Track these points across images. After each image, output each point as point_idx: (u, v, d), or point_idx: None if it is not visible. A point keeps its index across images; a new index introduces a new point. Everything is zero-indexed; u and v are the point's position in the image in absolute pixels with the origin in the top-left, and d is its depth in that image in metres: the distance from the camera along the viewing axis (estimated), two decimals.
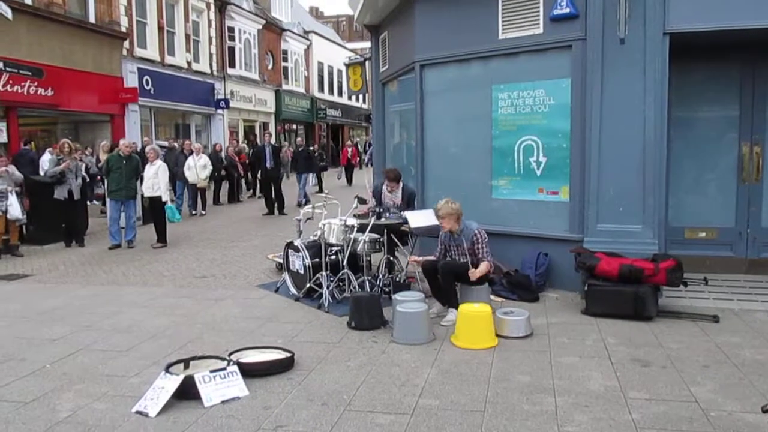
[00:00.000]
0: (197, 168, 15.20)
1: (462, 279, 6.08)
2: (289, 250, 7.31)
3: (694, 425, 3.79)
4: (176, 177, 15.13)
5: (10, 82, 14.25)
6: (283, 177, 17.46)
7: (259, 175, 16.50)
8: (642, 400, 4.16)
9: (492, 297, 6.55)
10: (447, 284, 6.04)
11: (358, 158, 26.00)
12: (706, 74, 7.57)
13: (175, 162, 15.39)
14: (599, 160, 6.67)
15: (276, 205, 15.21)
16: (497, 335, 5.44)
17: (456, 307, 5.83)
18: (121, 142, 11.31)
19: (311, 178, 18.57)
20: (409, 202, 7.61)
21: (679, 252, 6.90)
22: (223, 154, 17.92)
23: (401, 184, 7.70)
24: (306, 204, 15.83)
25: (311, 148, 20.48)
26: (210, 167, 15.64)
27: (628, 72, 6.48)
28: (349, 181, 23.41)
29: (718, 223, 7.74)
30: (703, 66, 7.49)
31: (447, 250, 6.34)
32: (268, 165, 15.42)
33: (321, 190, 19.79)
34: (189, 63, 22.55)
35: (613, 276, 6.05)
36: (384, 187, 7.73)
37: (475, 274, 5.95)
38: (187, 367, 4.61)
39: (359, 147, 27.58)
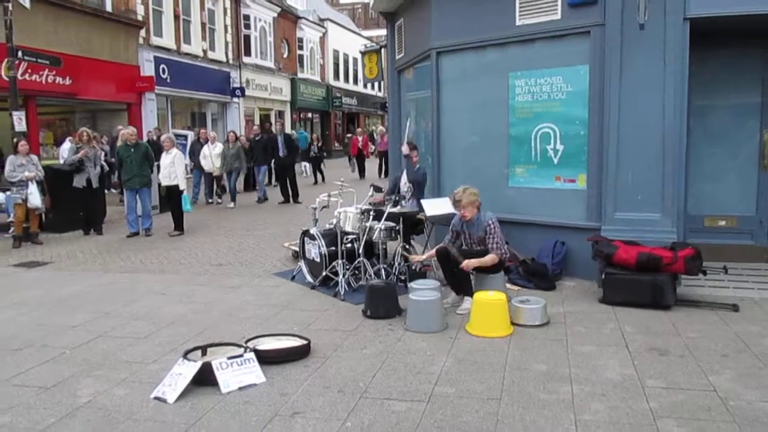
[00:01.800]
0: (212, 157, 15.25)
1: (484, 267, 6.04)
2: (305, 239, 7.33)
3: (713, 414, 3.76)
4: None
5: (29, 71, 14.38)
6: (295, 166, 17.39)
7: (273, 165, 16.48)
8: (660, 388, 4.14)
9: (508, 285, 6.53)
10: (460, 272, 6.02)
11: (370, 148, 23.67)
12: (727, 61, 7.45)
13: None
14: (617, 147, 6.61)
15: (291, 193, 15.27)
16: (513, 324, 5.43)
17: (471, 295, 5.82)
18: (123, 131, 11.31)
19: (264, 171, 16.28)
20: (418, 184, 7.58)
21: (698, 240, 6.83)
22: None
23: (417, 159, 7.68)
24: (264, 201, 15.31)
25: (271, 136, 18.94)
26: None
27: (648, 58, 6.39)
28: (362, 173, 21.42)
29: (738, 212, 7.65)
30: (723, 53, 7.37)
31: (458, 237, 6.32)
32: (281, 154, 15.53)
33: (317, 181, 19.52)
34: (205, 51, 22.62)
35: (630, 264, 6.01)
36: (404, 173, 7.71)
37: (469, 264, 5.86)
38: (204, 353, 4.66)
39: (375, 135, 26.23)
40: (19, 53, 13.62)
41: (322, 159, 21.58)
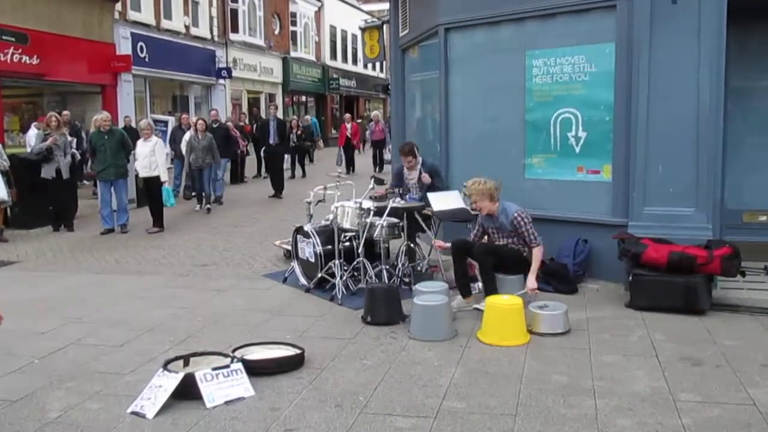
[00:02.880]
0: None
1: (506, 265, 6.07)
2: (299, 236, 7.33)
3: (752, 431, 3.76)
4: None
5: None
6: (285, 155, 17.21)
7: (263, 153, 16.38)
8: (693, 402, 4.14)
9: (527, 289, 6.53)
10: (485, 269, 6.06)
11: (361, 137, 22.26)
12: None
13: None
14: (646, 134, 6.59)
15: (277, 186, 15.21)
16: (530, 331, 5.44)
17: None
18: (96, 116, 11.29)
19: (225, 166, 15.44)
20: (432, 181, 7.60)
21: (736, 238, 6.80)
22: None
23: (419, 159, 7.69)
24: (217, 201, 14.01)
25: (229, 124, 17.75)
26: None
27: (680, 35, 6.36)
28: (350, 167, 20.22)
29: None
30: (767, 28, 7.33)
31: (485, 232, 6.40)
32: (271, 141, 15.48)
33: (294, 175, 19.19)
34: (187, 27, 22.58)
35: (661, 264, 6.00)
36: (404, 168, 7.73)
37: (533, 289, 5.96)
38: (187, 364, 4.67)
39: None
40: None
41: (306, 150, 20.67)
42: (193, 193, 14.23)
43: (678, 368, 4.71)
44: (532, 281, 5.99)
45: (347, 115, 23.75)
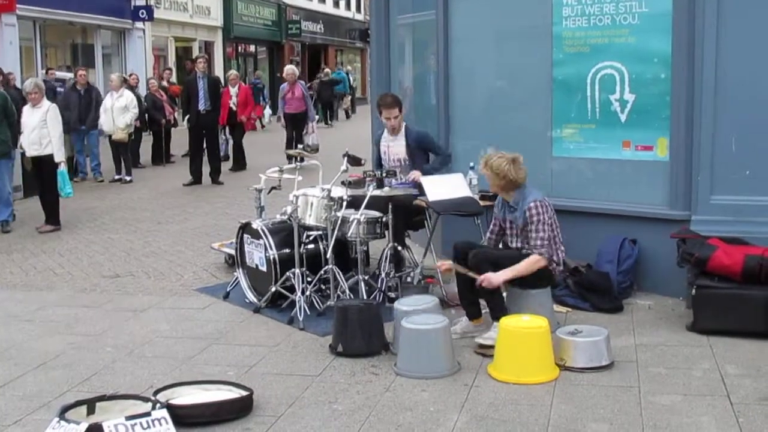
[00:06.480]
0: (114, 112, 15.07)
1: (521, 278, 6.03)
2: (245, 236, 7.32)
3: None
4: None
5: None
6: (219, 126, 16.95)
7: (186, 122, 15.94)
8: None
9: (554, 307, 6.55)
10: (482, 287, 6.01)
11: (262, 109, 19.57)
12: None
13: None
14: (715, 97, 6.62)
15: (210, 168, 15.20)
16: (559, 364, 5.46)
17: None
18: None
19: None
20: (420, 149, 7.58)
21: None
22: (143, 92, 17.77)
23: (404, 125, 7.66)
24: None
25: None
26: (135, 111, 15.48)
27: None
28: (239, 159, 17.33)
29: None
30: None
31: (502, 229, 6.39)
32: (201, 107, 15.04)
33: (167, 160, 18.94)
34: None
35: (734, 273, 6.03)
36: (384, 133, 7.71)
37: (489, 280, 5.79)
38: (92, 411, 4.65)
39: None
40: None
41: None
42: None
43: (756, 412, 4.74)
44: (496, 275, 5.80)
45: (231, 73, 19.65)
